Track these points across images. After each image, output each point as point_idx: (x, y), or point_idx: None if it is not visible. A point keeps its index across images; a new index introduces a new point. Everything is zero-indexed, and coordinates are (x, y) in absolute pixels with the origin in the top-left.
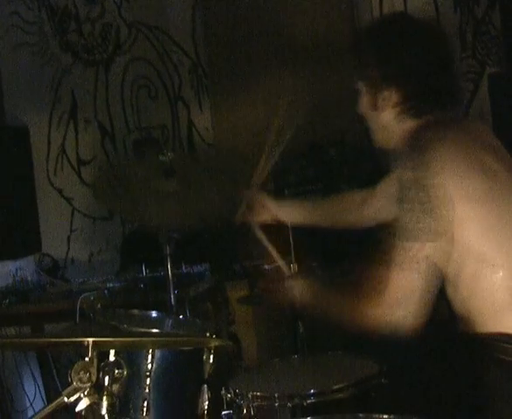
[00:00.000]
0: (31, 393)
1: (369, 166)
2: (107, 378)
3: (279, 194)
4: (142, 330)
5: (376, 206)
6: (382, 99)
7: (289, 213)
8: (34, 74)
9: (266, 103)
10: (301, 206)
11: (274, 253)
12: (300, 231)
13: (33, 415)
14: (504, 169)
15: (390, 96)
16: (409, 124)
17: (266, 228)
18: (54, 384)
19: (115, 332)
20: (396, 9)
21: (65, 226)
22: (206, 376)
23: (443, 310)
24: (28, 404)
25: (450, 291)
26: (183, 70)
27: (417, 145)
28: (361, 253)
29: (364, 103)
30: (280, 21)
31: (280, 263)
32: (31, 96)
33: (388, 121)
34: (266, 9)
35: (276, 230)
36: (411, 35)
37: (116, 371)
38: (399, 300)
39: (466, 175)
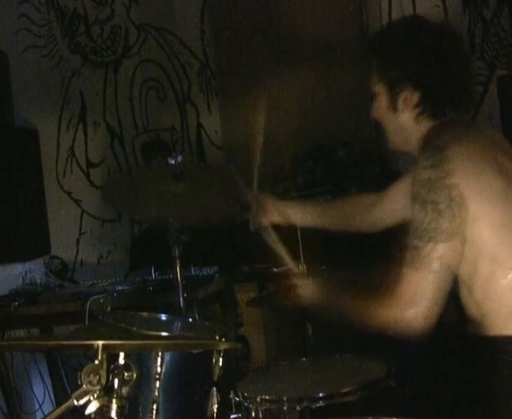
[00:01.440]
0: (41, 395)
1: (377, 167)
2: (116, 381)
3: (287, 195)
4: (152, 332)
5: (386, 209)
6: (402, 101)
7: (299, 215)
8: (43, 77)
9: (275, 105)
10: (311, 208)
11: (285, 255)
12: (311, 232)
13: (43, 418)
14: None
15: (411, 97)
16: (426, 125)
17: (275, 229)
18: (63, 386)
19: (125, 334)
20: (405, 11)
21: (74, 228)
22: (215, 379)
23: (451, 311)
24: (37, 406)
25: (464, 293)
26: (192, 72)
27: (431, 145)
28: (373, 253)
29: (383, 105)
30: (289, 23)
31: (291, 264)
32: (41, 98)
33: (407, 123)
34: (274, 10)
35: (285, 232)
36: (429, 36)
37: (126, 374)
38: (411, 300)
39: (480, 174)
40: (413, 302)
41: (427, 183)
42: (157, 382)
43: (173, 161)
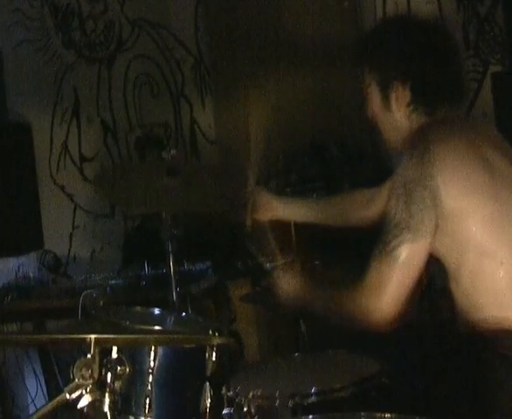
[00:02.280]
0: (33, 389)
1: (371, 164)
2: (109, 375)
3: (281, 192)
4: (145, 327)
5: (381, 205)
6: (395, 99)
7: (293, 211)
8: (37, 71)
9: (269, 101)
10: (306, 204)
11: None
12: (303, 228)
13: (35, 412)
14: (508, 164)
15: (403, 95)
16: (418, 122)
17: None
18: (56, 381)
19: (118, 329)
20: (399, 8)
21: (67, 223)
22: (208, 374)
23: (444, 308)
24: (30, 401)
25: (452, 285)
26: (186, 67)
27: (416, 144)
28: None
29: (376, 106)
30: (283, 19)
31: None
32: (34, 93)
33: (400, 121)
34: (269, 7)
35: (278, 227)
36: (417, 33)
37: (119, 368)
38: (373, 291)
39: (465, 171)
40: (375, 293)
41: (405, 182)
42: (150, 377)
43: (167, 156)
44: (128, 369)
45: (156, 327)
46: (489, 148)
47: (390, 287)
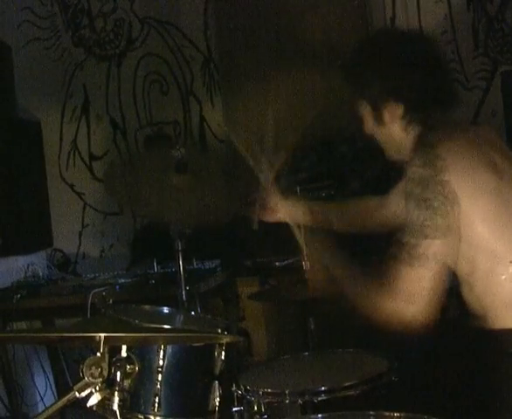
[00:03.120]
0: (42, 387)
1: (379, 162)
2: (118, 373)
3: (290, 191)
4: (154, 325)
5: (389, 212)
6: (388, 114)
7: (303, 215)
8: (46, 69)
9: (278, 99)
10: (316, 209)
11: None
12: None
13: (45, 409)
14: (511, 168)
15: (396, 109)
16: (415, 131)
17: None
18: (65, 378)
19: (127, 327)
20: (408, 6)
21: (76, 221)
22: (217, 372)
23: (454, 307)
24: (39, 398)
25: (465, 290)
26: (195, 65)
27: (422, 144)
28: (375, 249)
29: (371, 121)
30: (293, 17)
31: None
32: (44, 91)
33: (396, 134)
34: (277, 5)
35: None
36: (401, 47)
37: (128, 366)
38: (409, 297)
39: (471, 171)
40: (412, 300)
41: (420, 181)
42: (159, 375)
43: (176, 154)
44: (137, 368)
45: (165, 326)
46: (494, 151)
47: (426, 292)
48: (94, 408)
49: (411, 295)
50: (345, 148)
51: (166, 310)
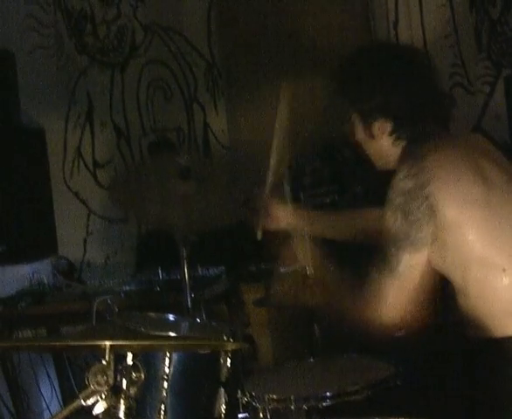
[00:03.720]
0: (48, 394)
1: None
2: (124, 381)
3: (293, 196)
4: (160, 333)
5: None
6: (378, 129)
7: (306, 224)
8: (50, 76)
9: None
10: (317, 218)
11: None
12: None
13: (50, 418)
14: (500, 173)
15: (385, 126)
16: (403, 145)
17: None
18: (70, 386)
19: (133, 335)
20: (411, 12)
21: (81, 229)
22: (223, 379)
23: (457, 312)
24: (44, 406)
25: (460, 298)
26: (199, 72)
27: (409, 156)
28: (362, 258)
29: (360, 133)
30: (296, 22)
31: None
32: (47, 98)
33: (384, 147)
34: (281, 11)
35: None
36: (391, 62)
37: (133, 374)
38: (375, 302)
39: (457, 182)
40: (374, 304)
41: (401, 193)
42: (165, 383)
43: (180, 161)
44: (142, 375)
45: (171, 333)
46: (482, 159)
47: (388, 297)
48: (100, 416)
49: (377, 300)
50: (349, 153)
51: (171, 317)
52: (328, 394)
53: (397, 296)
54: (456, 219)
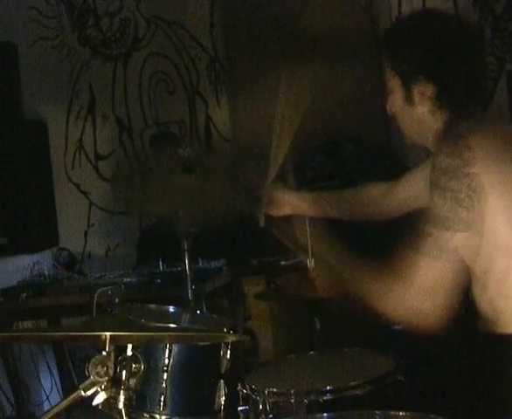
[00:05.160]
0: (48, 386)
1: (386, 162)
2: (124, 372)
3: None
4: (160, 325)
5: (398, 199)
6: (418, 93)
7: (309, 206)
8: (52, 69)
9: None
10: (323, 199)
11: (299, 248)
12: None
13: (51, 409)
14: None
15: (427, 89)
16: (442, 118)
17: (284, 222)
18: (70, 377)
19: (133, 326)
20: (414, 6)
21: (82, 220)
22: (223, 371)
23: (462, 307)
24: (44, 397)
25: (477, 290)
26: (201, 64)
27: (452, 133)
28: (387, 241)
29: (398, 100)
30: (299, 16)
31: (304, 257)
32: (50, 90)
33: (423, 116)
34: (284, 4)
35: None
36: (441, 28)
37: (133, 365)
38: (428, 290)
39: (500, 165)
40: (431, 293)
41: (447, 171)
42: (165, 374)
43: (182, 153)
44: (142, 367)
45: (171, 325)
46: None
47: (445, 285)
48: (100, 407)
49: (430, 288)
50: (352, 148)
51: (172, 309)
52: (329, 388)
53: (453, 284)
54: (495, 204)
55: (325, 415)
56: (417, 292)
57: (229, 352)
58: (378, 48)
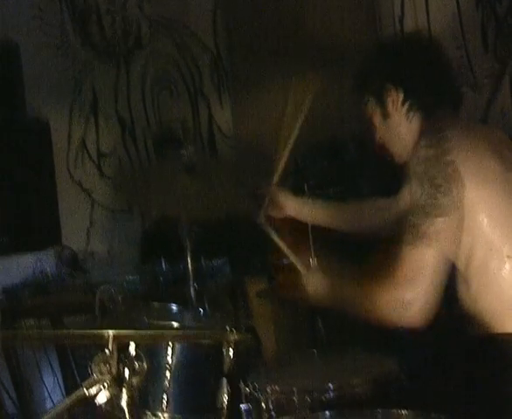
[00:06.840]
0: (50, 384)
1: (389, 166)
2: (127, 371)
3: (299, 194)
4: (162, 323)
5: (399, 213)
6: (391, 102)
7: (311, 214)
8: (55, 68)
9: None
10: (326, 208)
11: (288, 250)
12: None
13: (53, 407)
14: None
15: (397, 96)
16: (418, 122)
17: (285, 222)
18: (73, 376)
19: (136, 324)
20: (417, 8)
21: (84, 219)
22: (226, 370)
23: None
24: (47, 396)
25: (461, 287)
26: (204, 64)
27: (431, 128)
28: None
29: (378, 119)
30: (302, 18)
31: (294, 259)
32: (52, 89)
33: (401, 124)
34: (286, 4)
35: (295, 225)
36: (408, 47)
37: (136, 364)
38: (410, 279)
39: (479, 157)
40: (412, 282)
41: (425, 160)
42: (167, 373)
43: (185, 153)
44: (145, 365)
45: (174, 323)
46: (500, 144)
47: (427, 272)
48: (103, 406)
49: (412, 277)
50: (356, 153)
51: (175, 307)
52: (331, 386)
53: (435, 272)
54: (473, 195)
55: (327, 413)
56: (398, 283)
57: (231, 350)
58: (355, 84)
